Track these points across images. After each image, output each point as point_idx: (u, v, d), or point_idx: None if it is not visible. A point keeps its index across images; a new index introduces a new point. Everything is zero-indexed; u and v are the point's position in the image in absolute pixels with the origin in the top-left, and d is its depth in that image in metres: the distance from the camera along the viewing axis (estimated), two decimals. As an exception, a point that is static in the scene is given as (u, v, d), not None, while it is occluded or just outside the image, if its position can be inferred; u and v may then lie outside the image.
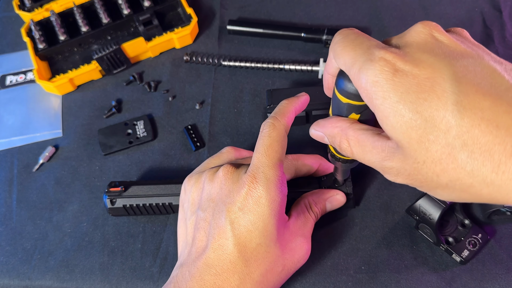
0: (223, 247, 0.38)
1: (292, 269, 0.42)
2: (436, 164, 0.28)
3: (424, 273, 0.46)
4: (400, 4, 0.65)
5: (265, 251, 0.38)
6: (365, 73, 0.29)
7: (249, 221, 0.37)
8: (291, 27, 0.62)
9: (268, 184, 0.37)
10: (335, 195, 0.46)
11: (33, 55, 0.60)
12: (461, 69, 0.28)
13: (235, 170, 0.40)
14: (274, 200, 0.38)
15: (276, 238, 0.39)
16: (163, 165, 0.55)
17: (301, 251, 0.42)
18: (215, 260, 0.38)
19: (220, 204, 0.39)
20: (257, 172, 0.38)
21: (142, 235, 0.51)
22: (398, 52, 0.29)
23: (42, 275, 0.49)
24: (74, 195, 0.54)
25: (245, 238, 0.38)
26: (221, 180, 0.40)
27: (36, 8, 0.64)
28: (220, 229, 0.38)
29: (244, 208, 0.37)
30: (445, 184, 0.28)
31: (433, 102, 0.27)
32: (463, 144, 0.26)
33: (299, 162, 0.47)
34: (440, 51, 0.29)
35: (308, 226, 0.44)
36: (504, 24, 0.61)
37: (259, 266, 0.38)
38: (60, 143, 0.58)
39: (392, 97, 0.28)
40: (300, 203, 0.45)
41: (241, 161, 0.45)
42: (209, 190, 0.40)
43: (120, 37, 0.63)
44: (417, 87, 0.28)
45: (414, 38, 0.31)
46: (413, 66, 0.28)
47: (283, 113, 0.40)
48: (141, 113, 0.59)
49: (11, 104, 0.61)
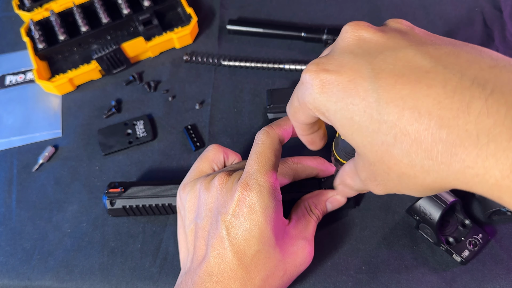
0: (222, 256, 0.38)
1: (295, 273, 0.42)
2: (382, 163, 0.29)
3: (424, 273, 0.46)
4: (400, 4, 0.65)
5: (264, 257, 0.38)
6: (298, 93, 0.31)
7: (245, 229, 0.37)
8: (291, 27, 0.62)
9: (260, 191, 0.37)
10: (335, 196, 0.46)
11: (33, 55, 0.60)
12: (380, 63, 0.28)
13: (228, 179, 0.40)
14: (268, 207, 0.38)
15: (275, 243, 0.39)
16: (163, 165, 0.55)
17: (303, 254, 0.42)
18: (216, 268, 0.38)
19: (218, 214, 0.39)
20: (250, 179, 0.38)
21: (142, 235, 0.50)
22: (321, 62, 0.30)
23: (41, 275, 0.49)
24: (73, 195, 0.54)
25: (243, 246, 0.38)
26: (216, 190, 0.40)
27: (35, 8, 0.64)
28: (218, 239, 0.38)
29: (239, 216, 0.38)
30: (397, 181, 0.29)
31: (360, 104, 0.28)
32: (395, 139, 0.27)
33: (299, 165, 0.47)
34: (360, 50, 0.30)
35: (310, 228, 0.44)
36: (505, 24, 0.61)
37: (259, 272, 0.38)
38: (59, 143, 0.58)
39: (330, 108, 0.29)
40: (300, 206, 0.45)
41: (235, 166, 0.45)
42: (205, 199, 0.40)
43: (119, 37, 0.63)
44: (343, 92, 0.28)
45: (340, 42, 0.31)
46: (335, 72, 0.29)
47: (279, 124, 0.41)
48: (141, 113, 0.59)
49: (10, 104, 0.61)
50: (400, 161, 0.27)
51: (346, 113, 0.29)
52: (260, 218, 0.37)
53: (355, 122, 0.28)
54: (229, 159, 0.46)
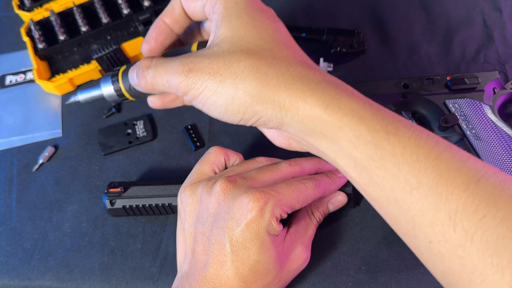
0: (221, 263, 0.38)
1: (289, 279, 0.42)
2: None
3: (424, 273, 0.46)
4: (400, 4, 0.65)
5: (263, 268, 0.39)
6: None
7: (248, 239, 0.38)
8: (292, 27, 0.62)
9: (271, 217, 0.38)
10: (337, 196, 0.46)
11: (33, 55, 0.60)
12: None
13: (234, 186, 0.40)
14: (272, 226, 0.38)
15: (275, 255, 0.39)
16: (163, 165, 0.55)
17: (299, 261, 0.42)
18: (214, 275, 0.38)
19: (220, 220, 0.39)
20: (269, 201, 0.38)
21: (142, 235, 0.51)
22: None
23: (41, 275, 0.49)
24: (73, 195, 0.54)
25: (243, 255, 0.38)
26: (219, 195, 0.40)
27: (35, 8, 0.64)
28: (219, 246, 0.38)
29: (243, 225, 0.38)
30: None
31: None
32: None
33: (296, 167, 0.45)
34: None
35: (309, 232, 0.44)
36: (505, 24, 0.61)
37: (256, 281, 0.39)
38: (59, 143, 0.58)
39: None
40: (302, 209, 0.45)
41: (236, 169, 0.44)
42: (207, 204, 0.40)
43: (120, 37, 0.63)
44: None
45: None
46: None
47: (326, 187, 0.43)
48: (141, 113, 0.59)
49: (10, 104, 0.61)
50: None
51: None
52: (263, 231, 0.38)
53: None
54: (230, 160, 0.46)
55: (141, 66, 0.39)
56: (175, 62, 0.37)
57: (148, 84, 0.39)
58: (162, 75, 0.38)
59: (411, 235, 0.32)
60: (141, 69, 0.39)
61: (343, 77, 0.57)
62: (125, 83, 0.43)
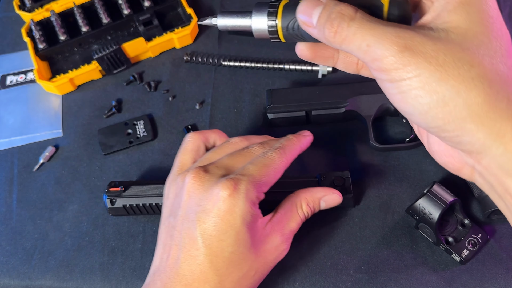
0: (194, 257, 0.37)
1: (266, 271, 0.41)
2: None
3: (424, 273, 0.46)
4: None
5: (238, 258, 0.38)
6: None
7: (221, 231, 0.37)
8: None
9: (245, 200, 0.37)
10: (331, 194, 0.45)
11: (33, 55, 0.60)
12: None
13: (204, 176, 0.39)
14: (248, 212, 0.37)
15: (250, 245, 0.38)
16: (163, 165, 0.55)
17: (276, 252, 0.41)
18: (186, 270, 0.37)
19: (190, 213, 0.38)
20: (240, 183, 0.37)
21: (142, 234, 0.51)
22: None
23: (42, 275, 0.49)
24: (74, 195, 0.54)
25: (216, 248, 0.37)
26: (188, 187, 0.39)
27: (36, 8, 0.64)
28: (191, 239, 0.37)
29: (216, 217, 0.37)
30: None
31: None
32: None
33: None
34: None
35: (292, 225, 0.42)
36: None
37: (231, 273, 0.38)
38: (60, 143, 0.58)
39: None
40: (291, 200, 0.43)
41: (210, 156, 0.43)
42: (179, 197, 0.40)
43: (120, 37, 0.64)
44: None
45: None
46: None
47: (291, 149, 0.42)
48: (141, 113, 0.59)
49: (11, 104, 0.61)
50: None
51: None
52: (238, 220, 0.37)
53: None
54: (210, 141, 0.45)
55: (341, 12, 0.31)
56: (389, 29, 0.30)
57: (338, 36, 0.31)
58: (365, 36, 0.30)
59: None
60: (340, 16, 0.31)
61: (343, 77, 0.58)
62: (284, 20, 0.35)
